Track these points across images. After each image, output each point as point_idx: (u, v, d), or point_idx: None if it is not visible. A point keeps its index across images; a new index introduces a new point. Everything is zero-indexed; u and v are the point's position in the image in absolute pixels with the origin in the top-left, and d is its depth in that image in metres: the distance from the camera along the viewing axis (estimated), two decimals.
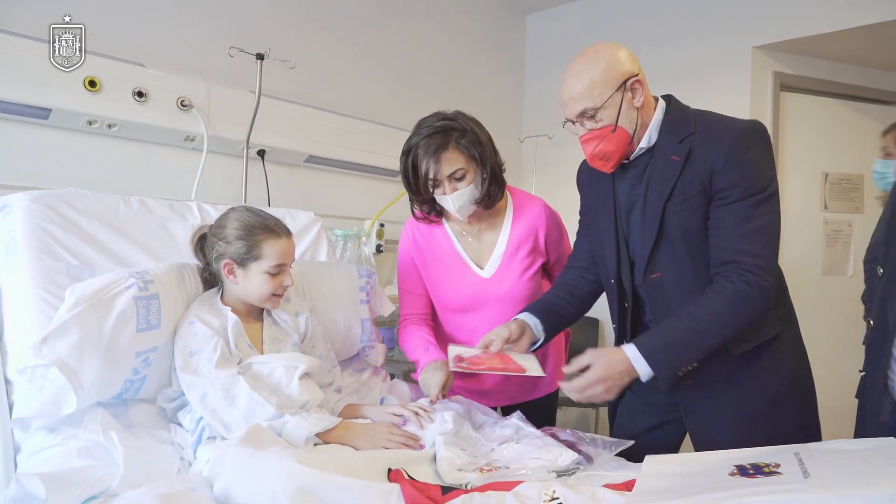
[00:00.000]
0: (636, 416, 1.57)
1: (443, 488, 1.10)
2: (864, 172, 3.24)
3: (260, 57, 2.27)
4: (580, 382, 1.30)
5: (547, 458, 1.24)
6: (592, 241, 1.60)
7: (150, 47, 2.17)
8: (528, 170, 3.75)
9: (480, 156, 1.64)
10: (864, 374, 1.37)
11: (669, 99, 1.43)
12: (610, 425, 1.67)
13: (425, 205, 1.74)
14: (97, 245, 1.51)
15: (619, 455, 1.30)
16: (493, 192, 1.70)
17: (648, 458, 1.18)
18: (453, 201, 1.65)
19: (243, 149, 2.32)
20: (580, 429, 1.41)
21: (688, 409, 1.44)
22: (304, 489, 1.00)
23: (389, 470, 1.15)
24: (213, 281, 1.48)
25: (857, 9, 2.73)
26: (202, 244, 1.46)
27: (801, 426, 1.41)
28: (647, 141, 1.40)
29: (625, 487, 1.09)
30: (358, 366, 1.87)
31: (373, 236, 2.80)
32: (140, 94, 2.04)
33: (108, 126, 2.03)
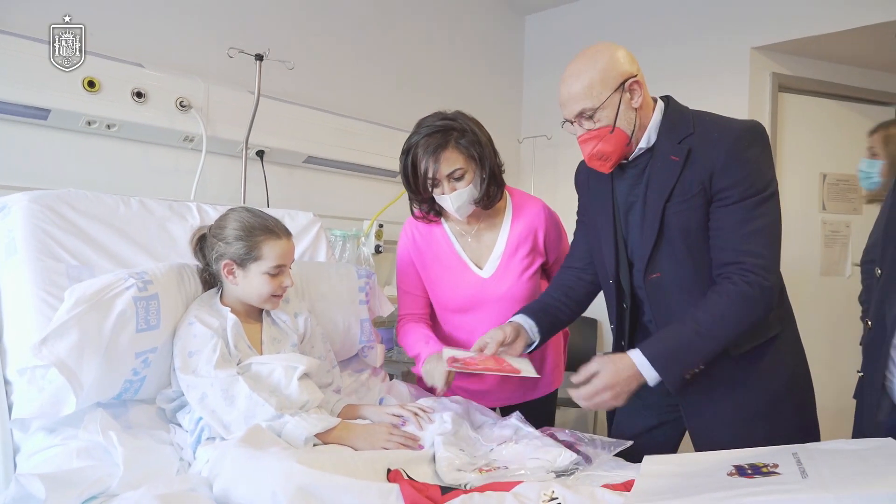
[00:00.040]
0: (635, 416, 1.57)
1: (442, 488, 1.10)
2: None
3: (259, 57, 2.27)
4: (588, 390, 1.31)
5: (546, 459, 1.24)
6: (590, 242, 1.60)
7: (150, 48, 2.17)
8: (526, 170, 3.75)
9: (480, 156, 1.65)
10: (861, 374, 1.38)
11: (668, 100, 1.44)
12: (608, 426, 1.68)
13: (424, 204, 1.75)
14: (97, 246, 1.51)
15: (617, 455, 1.30)
16: (491, 193, 1.70)
17: (647, 459, 1.18)
18: (452, 201, 1.65)
19: (242, 149, 2.32)
20: (579, 429, 1.42)
21: (688, 410, 1.45)
22: (303, 489, 1.00)
23: (389, 470, 1.15)
24: (213, 281, 1.48)
25: (855, 10, 2.74)
26: (202, 245, 1.46)
27: (800, 426, 1.42)
28: (646, 141, 1.40)
29: (623, 488, 1.10)
30: (357, 366, 1.87)
31: (371, 237, 2.80)
32: (139, 94, 2.04)
33: (107, 126, 2.03)
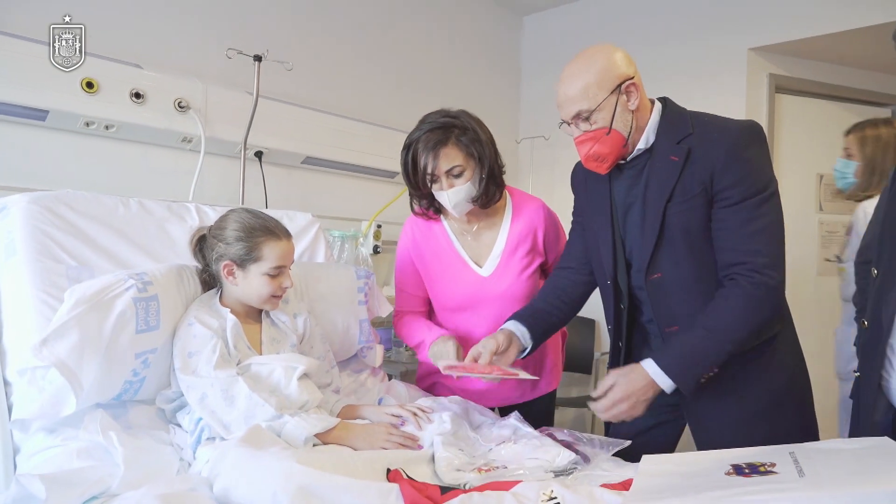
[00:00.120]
0: None
1: (441, 488, 1.10)
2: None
3: (257, 58, 2.27)
4: (605, 402, 1.33)
5: (545, 458, 1.25)
6: (587, 242, 1.60)
7: (148, 49, 2.17)
8: (524, 171, 3.76)
9: (479, 154, 1.65)
10: (858, 374, 1.38)
11: (665, 101, 1.44)
12: (606, 425, 1.68)
13: (424, 200, 1.75)
14: (96, 246, 1.51)
15: (616, 455, 1.30)
16: (490, 192, 1.71)
17: (645, 458, 1.19)
18: (449, 197, 1.65)
19: (241, 150, 2.32)
20: (577, 429, 1.42)
21: (690, 410, 1.46)
22: (304, 489, 1.00)
23: (388, 470, 1.16)
24: (212, 282, 1.48)
25: (852, 11, 2.75)
26: (201, 245, 1.46)
27: (799, 425, 1.43)
28: (644, 142, 1.41)
29: (622, 487, 1.10)
30: (356, 366, 1.88)
31: (370, 237, 2.80)
32: (137, 95, 2.04)
33: (106, 127, 2.03)
